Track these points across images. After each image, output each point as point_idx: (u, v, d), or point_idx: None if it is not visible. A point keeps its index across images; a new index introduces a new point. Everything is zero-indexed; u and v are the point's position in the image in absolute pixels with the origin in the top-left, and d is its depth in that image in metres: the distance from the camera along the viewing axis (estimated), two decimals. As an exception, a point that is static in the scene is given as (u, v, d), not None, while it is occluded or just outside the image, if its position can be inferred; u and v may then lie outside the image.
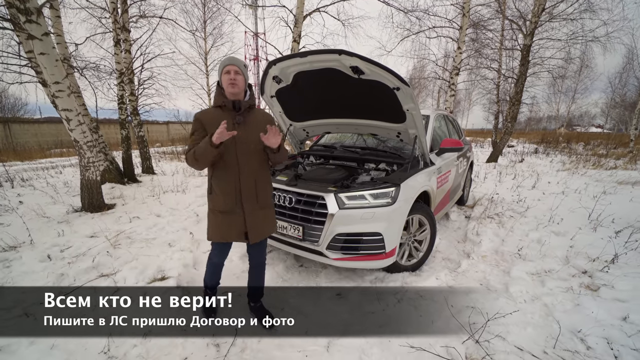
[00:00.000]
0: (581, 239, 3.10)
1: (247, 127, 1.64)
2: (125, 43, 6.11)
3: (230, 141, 1.57)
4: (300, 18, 5.87)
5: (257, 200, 1.70)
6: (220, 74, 1.64)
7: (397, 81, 2.16)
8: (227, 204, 1.65)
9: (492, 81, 12.54)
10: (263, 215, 1.75)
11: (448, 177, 3.34)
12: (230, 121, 1.58)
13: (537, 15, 7.60)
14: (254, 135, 1.63)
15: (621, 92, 20.78)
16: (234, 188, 1.64)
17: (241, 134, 1.60)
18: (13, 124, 14.74)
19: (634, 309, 1.98)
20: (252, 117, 1.69)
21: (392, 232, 2.22)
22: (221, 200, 1.66)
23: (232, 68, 1.59)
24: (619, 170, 7.43)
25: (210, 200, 1.72)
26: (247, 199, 1.67)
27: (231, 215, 1.66)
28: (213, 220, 1.71)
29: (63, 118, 3.56)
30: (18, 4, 2.86)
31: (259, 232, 1.74)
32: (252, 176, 1.67)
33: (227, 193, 1.65)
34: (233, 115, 1.62)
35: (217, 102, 1.64)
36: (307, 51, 2.19)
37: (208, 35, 12.36)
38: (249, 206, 1.68)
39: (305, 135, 3.44)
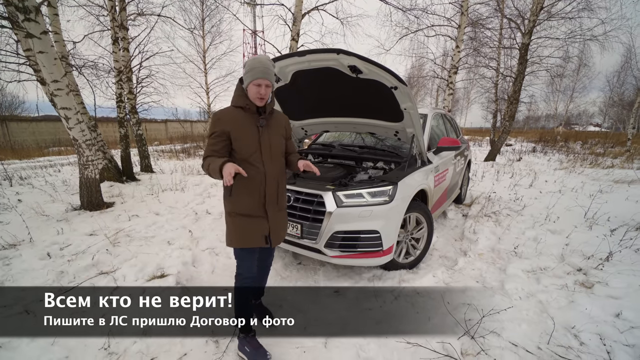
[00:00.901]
0: (577, 237, 3.14)
1: (270, 130, 1.62)
2: (124, 41, 6.10)
3: (255, 145, 1.56)
4: (298, 16, 5.87)
5: (277, 203, 1.68)
6: (248, 81, 1.53)
7: (395, 80, 2.17)
8: (252, 207, 1.60)
9: (491, 80, 12.57)
10: (281, 218, 1.74)
11: (445, 175, 3.36)
12: (253, 123, 1.57)
13: (535, 13, 7.61)
14: (276, 138, 1.64)
15: (619, 91, 20.84)
16: (258, 191, 1.59)
17: (265, 137, 1.59)
18: (10, 122, 14.67)
19: (627, 305, 2.01)
20: (273, 120, 1.66)
21: (389, 230, 2.25)
22: (245, 203, 1.59)
23: (263, 82, 1.50)
24: (615, 169, 7.48)
25: (231, 203, 1.63)
26: (270, 202, 1.64)
27: (254, 219, 1.62)
28: (235, 224, 1.63)
29: (62, 117, 3.56)
30: (17, 2, 2.86)
31: (279, 235, 1.73)
32: (275, 179, 1.64)
33: (252, 196, 1.59)
34: (256, 118, 1.58)
35: (240, 103, 1.56)
36: (305, 50, 2.20)
37: (206, 33, 12.31)
38: (272, 209, 1.65)
39: (303, 133, 3.46)
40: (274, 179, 1.64)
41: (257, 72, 1.49)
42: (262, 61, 1.51)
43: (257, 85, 1.50)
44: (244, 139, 1.55)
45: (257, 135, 1.58)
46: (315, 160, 3.20)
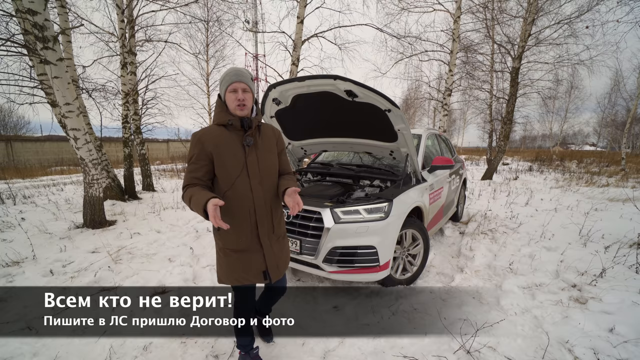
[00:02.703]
0: (571, 254, 3.19)
1: (258, 149, 1.42)
2: (132, 65, 6.39)
3: (240, 167, 1.37)
4: (298, 43, 6.19)
5: (273, 231, 1.48)
6: (224, 91, 1.38)
7: (388, 104, 2.32)
8: (242, 241, 1.41)
9: (485, 101, 12.98)
10: (280, 248, 1.53)
11: (440, 193, 3.46)
12: (239, 142, 1.38)
13: (524, 39, 8.02)
14: (266, 157, 1.44)
15: (611, 112, 21.41)
16: (249, 222, 1.40)
17: (252, 158, 1.39)
18: (15, 142, 14.95)
19: (620, 320, 2.05)
20: (261, 136, 1.45)
21: (385, 245, 2.31)
22: (234, 237, 1.40)
23: (239, 86, 1.35)
24: (610, 187, 7.59)
25: (220, 239, 1.45)
26: (264, 233, 1.43)
27: (247, 254, 1.42)
28: (224, 261, 1.45)
29: (71, 137, 3.70)
30: (37, 32, 3.08)
31: (280, 268, 1.52)
32: (267, 205, 1.44)
33: (241, 228, 1.39)
34: (241, 136, 1.38)
35: (221, 121, 1.37)
36: (304, 76, 2.37)
37: (210, 57, 12.86)
38: (267, 240, 1.44)
39: (303, 153, 3.59)
40: (266, 205, 1.43)
41: (230, 76, 1.36)
42: (233, 68, 1.40)
43: (233, 90, 1.35)
44: (228, 161, 1.37)
45: (243, 156, 1.38)
46: (314, 178, 3.31)
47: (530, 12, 7.72)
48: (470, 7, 8.66)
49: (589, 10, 7.34)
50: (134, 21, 6.36)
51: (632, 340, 1.85)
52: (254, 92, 1.43)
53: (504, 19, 8.70)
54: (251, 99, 1.40)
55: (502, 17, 8.66)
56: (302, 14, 6.07)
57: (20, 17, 3.21)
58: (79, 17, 6.04)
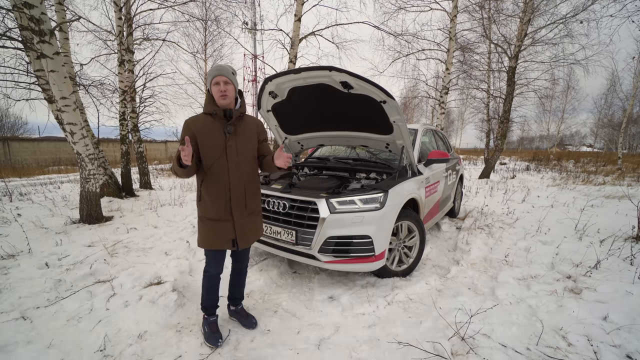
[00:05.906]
0: (567, 247, 3.21)
1: (237, 136, 1.67)
2: (129, 63, 6.38)
3: (220, 150, 1.62)
4: (296, 41, 6.21)
5: (245, 207, 1.73)
6: (209, 84, 1.63)
7: (383, 95, 2.34)
8: (216, 211, 1.66)
9: (482, 101, 13.03)
10: (251, 222, 1.79)
11: (437, 187, 3.47)
12: (220, 129, 1.63)
13: (520, 39, 8.08)
14: (244, 144, 1.68)
15: (607, 112, 21.56)
16: (223, 196, 1.66)
17: (232, 143, 1.64)
18: (12, 142, 14.89)
19: (614, 309, 2.06)
20: (242, 126, 1.71)
21: (381, 235, 2.32)
22: (210, 207, 1.67)
23: (221, 79, 1.58)
24: (607, 185, 7.64)
25: (200, 208, 1.73)
26: (237, 207, 1.69)
27: (220, 223, 1.68)
28: (202, 228, 1.72)
29: (67, 132, 3.70)
30: (33, 26, 3.08)
31: (247, 239, 1.78)
32: (241, 184, 1.69)
33: (216, 201, 1.66)
34: (224, 124, 1.64)
35: (208, 110, 1.63)
36: (300, 68, 2.37)
37: (208, 57, 12.85)
38: (238, 214, 1.70)
39: (300, 147, 3.60)
40: (240, 184, 1.69)
41: (213, 71, 1.61)
42: (217, 64, 1.65)
43: (216, 83, 1.59)
44: (209, 144, 1.61)
45: (223, 142, 1.63)
46: (311, 172, 3.31)
47: (526, 11, 7.78)
48: (466, 6, 8.71)
49: (584, 10, 7.41)
50: (131, 19, 6.36)
51: (625, 326, 1.86)
52: (235, 85, 1.67)
53: (500, 19, 8.75)
54: (233, 90, 1.64)
55: (498, 17, 8.72)
56: (300, 11, 6.10)
57: (17, 12, 3.20)
58: (76, 15, 6.04)
